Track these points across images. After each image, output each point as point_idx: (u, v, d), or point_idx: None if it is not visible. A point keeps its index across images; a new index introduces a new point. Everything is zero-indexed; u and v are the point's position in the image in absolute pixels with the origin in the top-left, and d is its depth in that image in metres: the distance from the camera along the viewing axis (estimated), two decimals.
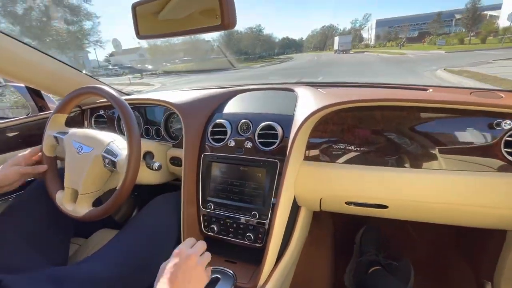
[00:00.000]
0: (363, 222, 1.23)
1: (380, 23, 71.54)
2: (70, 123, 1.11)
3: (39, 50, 0.90)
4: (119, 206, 0.69)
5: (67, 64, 1.00)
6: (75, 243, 0.94)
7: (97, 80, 1.15)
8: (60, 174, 0.82)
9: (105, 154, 0.72)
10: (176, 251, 0.51)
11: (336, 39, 52.49)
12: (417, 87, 0.87)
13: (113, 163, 0.71)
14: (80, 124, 1.15)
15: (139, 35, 0.56)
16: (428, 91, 0.81)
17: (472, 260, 0.97)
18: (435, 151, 0.66)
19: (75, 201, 0.74)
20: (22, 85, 1.06)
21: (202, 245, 0.55)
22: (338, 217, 1.32)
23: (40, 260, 0.67)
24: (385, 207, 0.71)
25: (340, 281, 1.11)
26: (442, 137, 0.66)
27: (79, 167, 0.73)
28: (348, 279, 1.08)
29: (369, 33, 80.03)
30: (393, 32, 66.04)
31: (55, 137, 0.80)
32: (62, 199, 0.76)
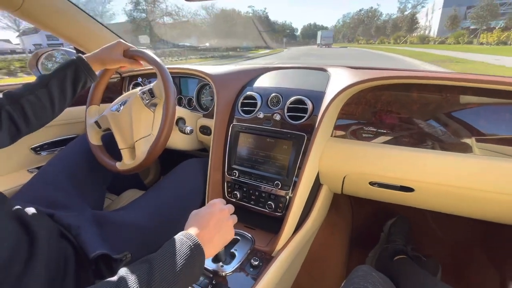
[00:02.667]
0: (382, 217, 1.21)
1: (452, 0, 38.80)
2: (111, 89, 1.20)
3: (92, 17, 0.97)
4: (168, 133, 0.71)
5: (114, 33, 1.06)
6: (108, 198, 1.02)
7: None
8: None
9: (140, 93, 0.77)
10: (212, 202, 0.54)
11: (319, 33, 56.35)
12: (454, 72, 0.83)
13: (151, 92, 0.75)
14: (119, 92, 1.23)
15: None
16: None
17: (498, 261, 0.93)
18: (472, 138, 0.63)
19: (134, 157, 0.77)
20: (72, 50, 1.15)
21: (231, 206, 0.57)
22: (357, 208, 1.31)
23: (82, 204, 0.74)
24: (411, 190, 0.70)
25: (351, 269, 1.11)
26: (482, 124, 0.63)
27: (125, 121, 0.77)
28: (370, 263, 1.07)
29: (427, 19, 52.27)
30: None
31: (96, 123, 0.82)
32: (122, 163, 0.78)
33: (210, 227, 0.49)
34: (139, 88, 0.79)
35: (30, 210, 0.56)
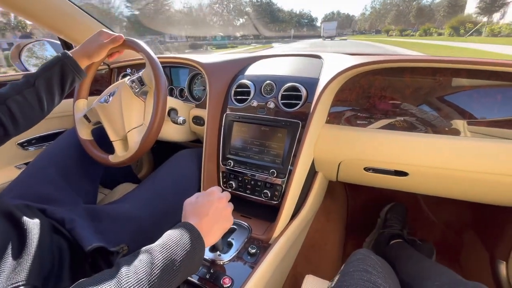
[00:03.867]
0: (377, 204, 1.23)
1: None
2: (99, 81, 1.16)
3: (77, 6, 0.93)
4: (161, 120, 0.69)
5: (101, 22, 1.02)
6: (102, 193, 1.01)
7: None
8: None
9: (129, 82, 0.74)
10: (210, 190, 0.54)
11: (322, 25, 56.34)
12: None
13: (140, 80, 0.73)
14: (107, 84, 1.20)
15: None
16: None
17: (488, 241, 0.95)
18: (464, 121, 0.64)
19: (126, 148, 0.75)
20: (56, 41, 1.10)
21: (228, 194, 0.57)
22: (352, 195, 1.33)
23: (75, 198, 0.73)
24: (405, 174, 0.71)
25: (347, 254, 1.13)
26: (474, 107, 0.64)
27: (115, 112, 0.75)
28: (367, 247, 1.09)
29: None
30: None
31: (85, 116, 0.80)
32: (115, 156, 0.76)
33: (210, 217, 0.49)
34: (128, 77, 0.77)
35: (20, 206, 0.54)
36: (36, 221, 0.52)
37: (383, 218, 1.16)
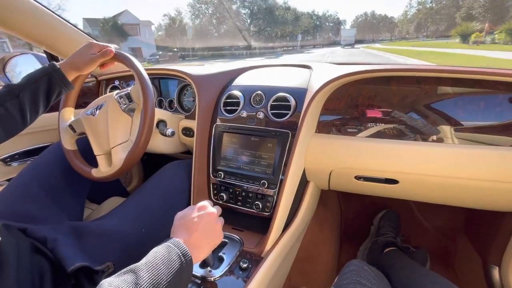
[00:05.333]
0: (371, 211, 1.23)
1: None
2: (87, 93, 1.14)
3: (60, 17, 0.92)
4: (147, 140, 0.68)
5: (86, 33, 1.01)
6: (89, 208, 0.97)
7: None
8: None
9: (117, 97, 0.73)
10: (200, 204, 0.52)
11: (341, 32, 54.21)
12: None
13: (128, 96, 0.72)
14: (95, 96, 1.18)
15: None
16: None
17: (480, 246, 0.96)
18: (450, 128, 0.65)
19: (110, 164, 0.73)
20: (43, 54, 1.09)
21: (219, 208, 0.56)
22: (345, 203, 1.32)
23: (59, 215, 0.70)
24: (395, 182, 0.71)
25: (342, 264, 1.11)
26: (459, 113, 0.65)
27: (101, 126, 0.74)
28: (361, 257, 1.08)
29: None
30: None
31: (70, 126, 0.79)
32: (98, 170, 0.74)
33: (199, 232, 0.48)
34: (116, 91, 0.76)
35: None
36: (13, 242, 0.49)
37: (377, 225, 1.16)
